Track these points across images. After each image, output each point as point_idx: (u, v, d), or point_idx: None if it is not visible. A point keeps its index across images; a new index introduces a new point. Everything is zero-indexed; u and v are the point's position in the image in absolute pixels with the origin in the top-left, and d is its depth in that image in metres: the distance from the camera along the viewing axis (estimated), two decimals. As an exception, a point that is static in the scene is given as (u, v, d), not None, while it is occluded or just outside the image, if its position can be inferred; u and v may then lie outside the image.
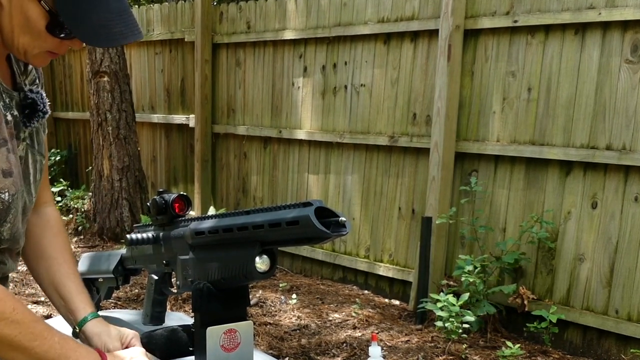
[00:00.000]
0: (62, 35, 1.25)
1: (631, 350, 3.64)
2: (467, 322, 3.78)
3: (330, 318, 4.38)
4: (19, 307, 1.15)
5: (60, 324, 1.64)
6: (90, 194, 6.51)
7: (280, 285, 5.01)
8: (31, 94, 1.36)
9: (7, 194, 1.26)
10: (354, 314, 4.39)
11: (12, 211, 1.29)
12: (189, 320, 1.53)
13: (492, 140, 4.20)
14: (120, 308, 4.40)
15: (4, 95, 1.30)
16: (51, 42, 1.26)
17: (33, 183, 1.38)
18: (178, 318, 1.63)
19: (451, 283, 4.23)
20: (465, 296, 3.85)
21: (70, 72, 7.90)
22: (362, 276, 5.06)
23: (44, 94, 1.41)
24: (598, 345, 3.88)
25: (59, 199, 7.04)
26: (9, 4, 1.22)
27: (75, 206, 6.79)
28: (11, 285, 1.69)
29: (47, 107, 1.40)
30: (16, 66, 1.38)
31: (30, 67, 1.42)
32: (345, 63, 4.97)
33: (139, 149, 6.33)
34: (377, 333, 4.09)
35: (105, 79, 6.00)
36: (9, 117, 1.30)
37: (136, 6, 7.35)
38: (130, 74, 6.52)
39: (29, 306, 4.57)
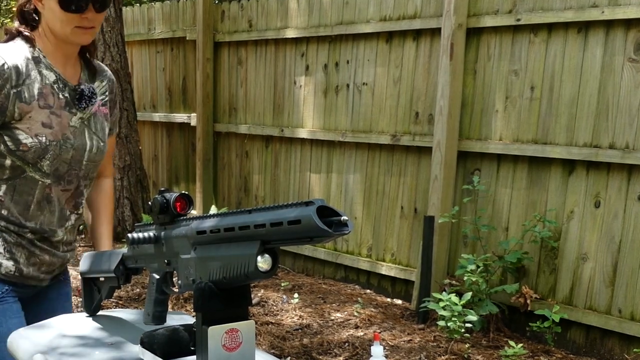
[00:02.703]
0: (72, 7, 1.77)
1: (634, 350, 3.63)
2: (469, 322, 3.77)
3: (332, 317, 4.37)
4: None
5: (61, 323, 1.63)
6: (92, 192, 6.49)
7: (282, 284, 5.00)
8: (82, 87, 1.91)
9: (44, 138, 1.83)
10: (356, 314, 4.38)
11: (50, 152, 1.83)
12: (190, 319, 1.52)
13: (494, 139, 4.19)
14: (122, 307, 4.40)
15: (59, 82, 1.88)
16: (71, 17, 1.79)
17: (88, 152, 1.94)
18: (179, 318, 1.62)
19: (454, 282, 4.22)
20: (468, 295, 3.84)
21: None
22: (364, 275, 5.06)
23: (103, 97, 2.02)
24: (601, 344, 3.86)
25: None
26: (43, 7, 1.84)
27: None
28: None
29: (95, 102, 1.95)
30: (85, 72, 1.98)
31: (102, 80, 2.03)
32: (348, 62, 4.96)
33: (140, 147, 6.32)
34: (379, 332, 4.09)
35: (107, 77, 5.99)
36: (61, 96, 1.88)
37: (137, 4, 7.34)
38: (131, 72, 6.52)
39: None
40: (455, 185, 4.38)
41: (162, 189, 1.42)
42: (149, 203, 1.39)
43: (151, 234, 1.40)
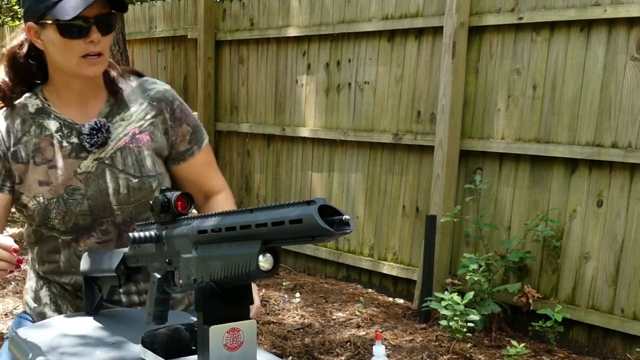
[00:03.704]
0: (73, 33, 1.59)
1: (637, 350, 3.62)
2: (471, 321, 3.76)
3: (334, 317, 4.36)
4: None
5: (62, 322, 1.63)
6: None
7: (284, 283, 5.00)
8: (89, 124, 1.71)
9: (42, 197, 1.69)
10: (357, 313, 4.38)
11: (52, 211, 1.69)
12: (192, 319, 1.52)
13: (496, 138, 4.18)
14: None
15: (63, 129, 1.73)
16: (75, 45, 1.61)
17: (114, 195, 1.73)
18: (181, 317, 1.61)
19: (456, 282, 4.22)
20: (470, 295, 3.83)
21: (73, 69, 7.89)
22: (365, 275, 5.05)
23: (142, 123, 1.79)
24: (603, 344, 3.85)
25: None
26: (43, 43, 1.65)
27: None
28: (12, 284, 1.72)
29: (113, 135, 1.74)
30: (110, 101, 1.77)
31: (141, 102, 1.80)
32: (349, 60, 4.96)
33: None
34: (381, 332, 4.08)
35: (108, 76, 5.99)
36: (65, 143, 1.72)
37: (139, 3, 7.34)
38: (133, 71, 6.51)
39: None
40: (457, 184, 4.37)
41: (163, 188, 1.41)
42: (150, 202, 1.39)
43: (152, 233, 1.40)
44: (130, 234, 1.39)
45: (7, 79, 1.75)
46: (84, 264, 1.70)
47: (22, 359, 1.45)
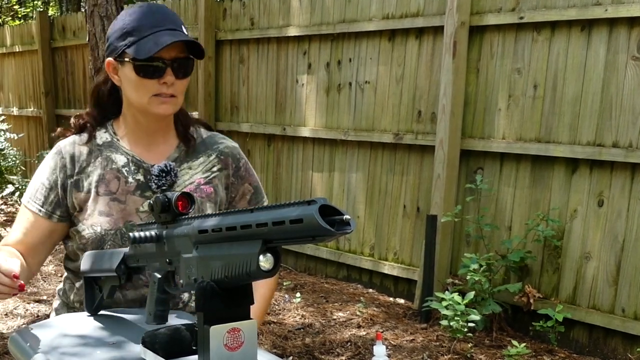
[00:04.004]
0: (149, 73, 1.65)
1: (638, 350, 3.61)
2: (472, 321, 3.76)
3: (335, 317, 4.36)
4: None
5: (63, 322, 1.62)
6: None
7: (284, 283, 5.00)
8: (159, 165, 1.75)
9: (99, 227, 1.72)
10: (358, 313, 4.37)
11: (107, 242, 1.71)
12: (192, 319, 1.52)
13: (497, 137, 4.17)
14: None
15: (130, 164, 1.76)
16: (148, 84, 1.67)
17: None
18: (181, 317, 1.61)
19: (456, 281, 4.21)
20: (471, 295, 3.83)
21: (73, 69, 7.89)
22: (366, 275, 5.05)
23: (208, 174, 1.83)
24: (604, 344, 3.85)
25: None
26: (120, 79, 1.72)
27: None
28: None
29: (178, 180, 1.78)
30: (181, 147, 1.82)
31: (209, 154, 1.85)
32: (350, 60, 4.95)
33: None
34: (382, 332, 4.08)
35: (109, 76, 5.98)
36: (131, 179, 1.76)
37: (139, 2, 7.33)
38: (133, 71, 6.51)
39: (31, 304, 4.57)
40: (458, 184, 4.37)
41: (164, 187, 1.41)
42: (151, 202, 1.39)
43: (153, 233, 1.40)
44: (131, 234, 1.39)
45: (94, 112, 1.83)
46: (85, 263, 1.70)
47: (23, 359, 1.44)
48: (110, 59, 1.74)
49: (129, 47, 1.66)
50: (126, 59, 1.68)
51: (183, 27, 1.72)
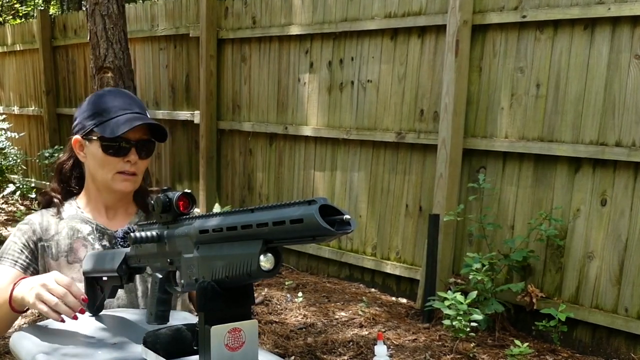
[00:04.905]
0: (114, 151, 1.77)
1: (641, 349, 3.61)
2: (475, 321, 3.75)
3: (337, 316, 4.35)
4: None
5: (63, 324, 1.62)
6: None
7: (286, 283, 4.99)
8: (120, 230, 1.73)
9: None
10: (360, 313, 4.37)
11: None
12: (193, 319, 1.51)
13: (500, 136, 4.16)
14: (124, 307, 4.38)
15: (95, 232, 1.86)
16: (113, 162, 1.79)
17: (142, 297, 1.84)
18: (182, 317, 1.61)
19: (459, 281, 4.21)
20: (473, 294, 3.82)
21: (74, 67, 7.89)
22: (368, 274, 5.04)
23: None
24: (607, 344, 3.84)
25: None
26: (85, 156, 1.84)
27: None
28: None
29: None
30: (140, 214, 1.93)
31: None
32: (352, 59, 4.94)
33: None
34: (384, 332, 4.07)
35: (109, 74, 5.97)
36: (97, 246, 1.84)
37: (141, 1, 7.33)
38: (134, 69, 6.50)
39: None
40: (461, 183, 4.36)
41: (165, 187, 1.41)
42: (152, 201, 1.39)
43: (154, 233, 1.40)
44: (132, 234, 1.39)
45: (58, 188, 1.94)
46: (86, 264, 1.70)
47: (25, 359, 1.44)
48: (77, 136, 1.85)
49: (97, 126, 1.79)
50: (94, 137, 1.80)
51: (146, 111, 1.88)
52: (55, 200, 1.91)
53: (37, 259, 1.84)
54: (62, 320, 1.54)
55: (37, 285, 1.54)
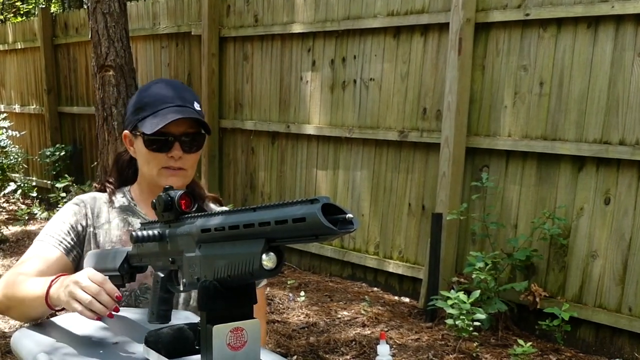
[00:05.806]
0: (156, 146, 1.74)
1: (645, 349, 3.59)
2: (478, 320, 3.74)
3: (339, 316, 4.35)
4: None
5: (65, 322, 1.61)
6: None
7: (289, 282, 4.98)
8: None
9: None
10: (363, 312, 4.36)
11: (122, 302, 1.67)
12: (195, 318, 1.51)
13: (503, 135, 4.15)
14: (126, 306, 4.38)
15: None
16: (157, 157, 1.75)
17: (183, 304, 1.80)
18: (184, 317, 1.60)
19: (462, 280, 4.19)
20: (476, 293, 3.81)
21: (75, 66, 7.89)
22: (371, 273, 5.03)
23: None
24: (611, 343, 3.83)
25: (63, 194, 7.03)
26: (134, 151, 1.81)
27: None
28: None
29: None
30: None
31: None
32: (355, 57, 4.93)
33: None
34: (387, 331, 4.06)
35: (111, 73, 5.96)
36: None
37: None
38: (136, 67, 6.50)
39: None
40: (464, 182, 4.35)
41: (167, 186, 1.40)
42: (154, 201, 1.38)
43: (156, 232, 1.39)
44: (134, 233, 1.39)
45: (114, 178, 1.93)
46: (88, 263, 1.69)
47: (26, 359, 1.43)
48: (126, 131, 1.83)
49: (140, 121, 1.76)
50: (138, 133, 1.77)
51: (196, 102, 1.81)
52: (109, 189, 1.88)
53: (82, 244, 1.79)
54: (98, 319, 1.49)
55: (71, 283, 1.48)
